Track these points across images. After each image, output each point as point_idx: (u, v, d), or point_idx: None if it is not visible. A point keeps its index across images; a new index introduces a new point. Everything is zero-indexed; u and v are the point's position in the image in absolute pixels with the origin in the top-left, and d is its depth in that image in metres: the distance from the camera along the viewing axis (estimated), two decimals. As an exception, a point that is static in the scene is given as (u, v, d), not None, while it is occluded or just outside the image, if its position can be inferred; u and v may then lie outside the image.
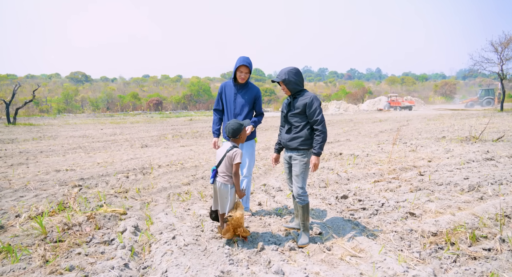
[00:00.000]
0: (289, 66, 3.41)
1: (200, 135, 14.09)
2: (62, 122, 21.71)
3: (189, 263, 2.84)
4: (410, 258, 3.01)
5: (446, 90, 61.37)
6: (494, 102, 40.33)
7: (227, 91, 3.99)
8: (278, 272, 2.72)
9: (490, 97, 41.42)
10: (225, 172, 3.23)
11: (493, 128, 13.66)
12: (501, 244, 3.11)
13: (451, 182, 5.37)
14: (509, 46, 27.91)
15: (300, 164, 3.35)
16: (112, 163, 7.69)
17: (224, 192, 3.24)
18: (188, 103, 47.59)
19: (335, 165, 7.08)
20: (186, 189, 5.53)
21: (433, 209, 4.18)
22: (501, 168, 6.40)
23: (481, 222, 3.69)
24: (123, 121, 23.23)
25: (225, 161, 3.22)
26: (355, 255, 3.08)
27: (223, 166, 3.23)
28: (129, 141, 12.23)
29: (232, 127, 3.23)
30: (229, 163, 3.22)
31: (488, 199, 4.55)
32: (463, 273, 2.65)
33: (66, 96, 43.14)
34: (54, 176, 6.39)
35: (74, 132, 15.17)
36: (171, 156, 8.67)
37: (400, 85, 76.58)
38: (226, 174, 3.23)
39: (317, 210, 4.34)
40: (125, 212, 4.22)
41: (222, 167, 3.24)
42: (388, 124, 18.00)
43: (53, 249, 3.14)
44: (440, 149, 8.81)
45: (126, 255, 3.01)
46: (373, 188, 5.27)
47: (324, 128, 3.27)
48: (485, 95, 42.33)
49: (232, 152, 3.19)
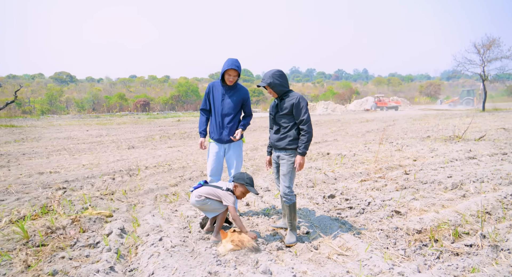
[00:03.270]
0: (272, 69, 3.42)
1: (188, 136, 14.00)
2: (46, 124, 21.25)
3: (176, 265, 2.82)
4: (395, 255, 3.05)
5: (431, 90, 62.60)
6: (473, 103, 41.90)
7: (215, 91, 3.94)
8: (265, 272, 2.72)
9: (470, 97, 43.09)
10: (205, 195, 3.32)
11: (476, 128, 14.00)
12: (482, 240, 3.19)
13: (435, 181, 5.48)
14: (491, 48, 28.68)
15: (287, 164, 3.37)
16: (98, 165, 7.57)
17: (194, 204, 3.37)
18: (176, 104, 47.21)
19: (322, 165, 7.14)
20: (173, 190, 5.49)
21: (418, 207, 4.26)
22: (483, 166, 6.56)
23: (463, 219, 3.78)
24: (110, 122, 22.89)
25: (214, 192, 3.33)
26: (342, 254, 3.11)
27: (208, 191, 3.33)
28: (116, 142, 12.06)
29: (250, 178, 3.37)
30: (216, 197, 3.33)
31: (470, 197, 4.66)
32: (446, 269, 2.70)
33: (50, 97, 42.21)
34: (37, 178, 6.25)
35: (58, 134, 14.87)
36: (159, 157, 8.59)
37: (387, 86, 77.72)
38: (203, 196, 3.32)
39: (304, 209, 4.37)
40: (111, 214, 4.17)
41: (207, 191, 3.34)
42: (375, 124, 18.24)
43: (36, 253, 3.07)
44: (425, 148, 8.98)
45: (111, 258, 2.97)
46: (360, 187, 5.34)
47: (310, 129, 3.30)
48: (466, 96, 44.10)
49: (225, 197, 3.30)
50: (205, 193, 3.31)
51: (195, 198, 3.32)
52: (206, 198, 3.29)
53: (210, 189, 3.34)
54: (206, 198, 3.29)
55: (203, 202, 3.29)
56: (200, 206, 3.33)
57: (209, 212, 3.38)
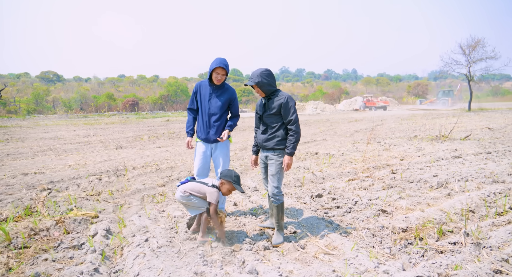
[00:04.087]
0: (260, 68, 3.40)
1: (177, 136, 13.90)
2: (31, 124, 20.83)
3: (162, 265, 2.80)
4: (381, 254, 3.08)
5: (418, 90, 63.64)
6: (448, 103, 44.30)
7: (202, 91, 3.93)
8: (252, 272, 2.72)
9: (445, 98, 45.65)
10: (190, 191, 3.30)
11: (461, 127, 14.27)
12: (466, 238, 3.24)
13: (421, 180, 5.56)
14: (476, 49, 29.27)
15: (276, 164, 3.37)
16: (84, 165, 7.46)
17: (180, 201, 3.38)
18: (165, 104, 46.81)
19: (311, 164, 7.17)
20: (161, 191, 5.44)
21: (404, 205, 4.31)
22: (468, 165, 6.69)
23: (448, 217, 3.84)
24: (98, 122, 22.57)
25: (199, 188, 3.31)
26: (328, 253, 3.13)
27: (194, 187, 3.31)
28: (103, 142, 11.90)
29: (237, 176, 3.33)
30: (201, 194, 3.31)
31: (455, 195, 4.74)
32: (430, 266, 2.74)
33: (36, 96, 41.37)
34: (21, 179, 6.13)
35: (44, 134, 14.59)
36: (147, 157, 8.51)
37: (376, 86, 78.64)
38: (188, 192, 3.30)
39: (292, 209, 4.38)
40: (96, 215, 4.10)
41: (192, 187, 3.32)
42: (363, 124, 18.41)
43: (17, 255, 3.00)
44: (412, 147, 9.10)
45: (96, 259, 2.93)
46: (347, 187, 5.38)
47: (298, 129, 3.31)
48: (442, 96, 46.76)
49: (211, 194, 3.27)
50: (190, 189, 3.29)
51: (179, 194, 3.31)
52: (190, 195, 3.28)
53: (196, 185, 3.32)
54: (190, 195, 3.28)
55: (187, 198, 3.28)
56: (184, 202, 3.32)
57: (192, 209, 3.37)
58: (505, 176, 5.61)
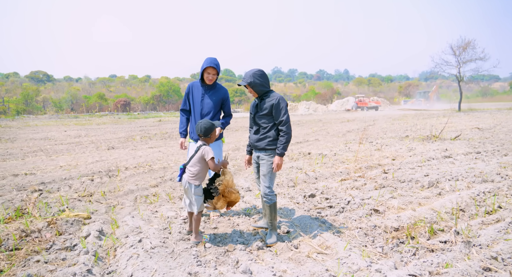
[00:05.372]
0: (253, 68, 3.43)
1: (169, 136, 13.84)
2: (21, 124, 20.53)
3: (155, 266, 2.79)
4: (373, 253, 3.12)
5: (409, 91, 64.37)
6: (421, 103, 47.13)
7: (195, 91, 3.95)
8: (246, 272, 2.73)
9: (420, 99, 48.95)
10: (193, 171, 3.24)
11: (452, 127, 14.47)
12: (456, 236, 3.30)
13: (412, 179, 5.63)
14: (466, 50, 29.69)
15: (267, 164, 3.39)
16: (76, 166, 7.39)
17: (189, 191, 3.27)
18: (157, 104, 46.56)
19: (303, 164, 7.20)
20: (154, 191, 5.42)
21: (396, 205, 4.37)
22: (458, 165, 6.79)
23: (438, 216, 3.90)
24: (89, 122, 22.35)
25: (196, 159, 3.24)
26: (321, 252, 3.15)
27: (193, 164, 3.25)
28: (95, 142, 11.79)
29: (205, 126, 3.24)
30: (199, 162, 3.24)
31: (445, 195, 4.81)
32: (421, 265, 2.78)
33: (26, 96, 40.76)
34: (11, 180, 6.04)
35: (34, 135, 14.40)
36: (139, 158, 8.46)
37: (367, 86, 79.26)
38: (193, 173, 3.25)
39: (285, 209, 4.40)
40: (89, 216, 4.07)
41: (192, 165, 3.26)
42: (355, 124, 18.55)
43: (9, 257, 2.97)
44: (403, 147, 9.20)
45: (89, 261, 2.91)
46: (340, 186, 5.42)
47: (289, 130, 3.33)
48: (418, 97, 50.30)
49: (202, 150, 3.21)
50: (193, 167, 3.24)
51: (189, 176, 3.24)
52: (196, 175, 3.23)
53: (192, 162, 3.27)
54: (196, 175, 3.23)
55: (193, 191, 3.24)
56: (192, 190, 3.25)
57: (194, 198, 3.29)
58: (494, 175, 5.71)
